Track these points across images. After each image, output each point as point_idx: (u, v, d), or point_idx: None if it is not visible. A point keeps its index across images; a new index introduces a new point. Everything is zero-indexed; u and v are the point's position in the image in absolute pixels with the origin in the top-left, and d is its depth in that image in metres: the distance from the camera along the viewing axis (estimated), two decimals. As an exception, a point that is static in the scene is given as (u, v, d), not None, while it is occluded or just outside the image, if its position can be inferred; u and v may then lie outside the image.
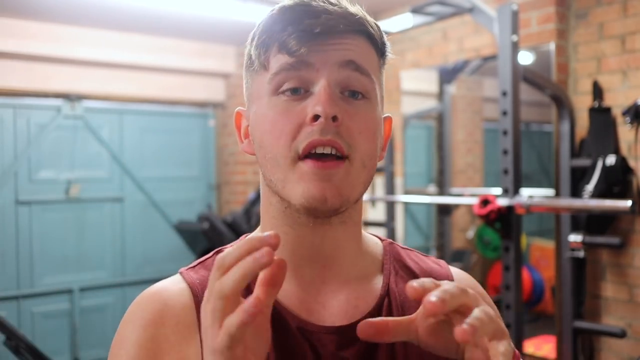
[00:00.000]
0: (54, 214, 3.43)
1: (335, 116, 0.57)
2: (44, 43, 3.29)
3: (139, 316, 0.62)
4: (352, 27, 0.61)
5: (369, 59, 0.62)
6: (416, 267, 0.70)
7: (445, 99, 3.11)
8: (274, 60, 0.60)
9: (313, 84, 0.59)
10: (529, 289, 2.71)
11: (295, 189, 0.59)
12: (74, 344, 3.45)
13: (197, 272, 0.66)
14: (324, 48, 0.59)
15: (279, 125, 0.59)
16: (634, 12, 2.18)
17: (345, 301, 0.64)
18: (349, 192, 0.59)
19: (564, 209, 2.15)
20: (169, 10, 3.03)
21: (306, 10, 0.59)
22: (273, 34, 0.60)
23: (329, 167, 0.58)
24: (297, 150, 0.58)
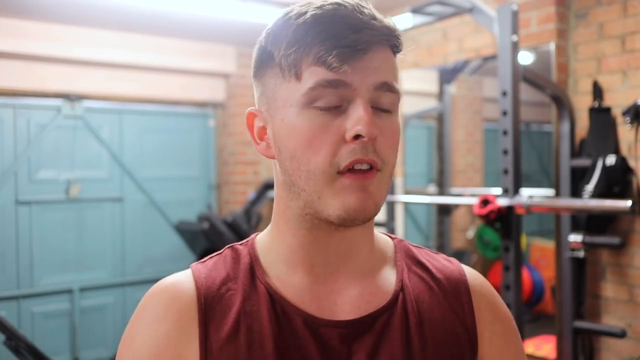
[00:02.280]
0: (54, 214, 3.43)
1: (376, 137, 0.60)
2: (44, 43, 3.29)
3: (147, 312, 0.64)
4: (387, 42, 0.63)
5: (394, 71, 0.65)
6: (429, 264, 0.72)
7: (445, 99, 3.11)
8: (309, 73, 0.60)
9: (349, 101, 0.60)
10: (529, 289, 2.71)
11: (333, 201, 0.61)
12: (74, 344, 3.45)
13: (206, 266, 0.68)
14: (362, 65, 0.60)
15: (317, 140, 0.60)
16: (634, 12, 2.18)
17: (357, 297, 0.66)
18: (380, 200, 0.63)
19: (564, 209, 2.15)
20: (169, 10, 3.03)
21: (346, 22, 0.60)
22: (310, 44, 0.60)
23: (366, 178, 0.60)
24: (339, 166, 0.60)
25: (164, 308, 0.63)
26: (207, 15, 3.13)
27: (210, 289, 0.64)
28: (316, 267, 0.66)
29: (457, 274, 0.71)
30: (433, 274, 0.71)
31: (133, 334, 0.63)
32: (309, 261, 0.66)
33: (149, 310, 0.64)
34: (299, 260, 0.66)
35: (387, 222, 2.92)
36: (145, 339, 0.62)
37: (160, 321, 0.62)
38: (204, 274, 0.66)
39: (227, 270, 0.67)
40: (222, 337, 0.62)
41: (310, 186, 0.61)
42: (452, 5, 2.23)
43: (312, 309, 0.64)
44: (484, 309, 0.70)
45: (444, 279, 0.70)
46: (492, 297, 0.72)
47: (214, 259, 0.69)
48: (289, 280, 0.66)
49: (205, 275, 0.66)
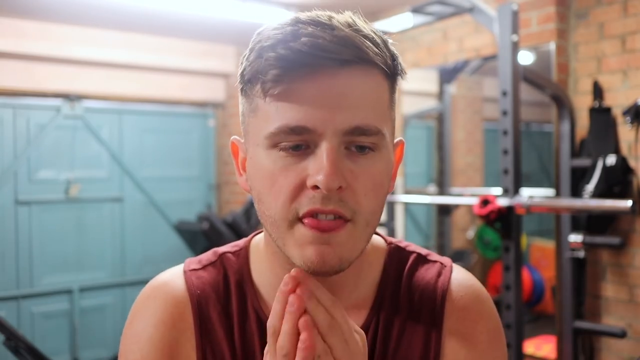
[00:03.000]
0: (53, 214, 3.43)
1: (340, 186, 0.53)
2: (43, 43, 3.29)
3: (149, 313, 0.65)
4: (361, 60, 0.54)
5: (379, 101, 0.57)
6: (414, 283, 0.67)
7: (445, 99, 3.11)
8: (269, 109, 0.55)
9: (315, 143, 0.54)
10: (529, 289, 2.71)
11: (294, 250, 0.56)
12: (73, 344, 3.45)
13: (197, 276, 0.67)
14: (329, 102, 0.53)
15: (277, 184, 0.55)
16: (634, 12, 2.18)
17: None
18: (349, 254, 0.56)
19: (564, 209, 2.15)
20: (169, 10, 3.03)
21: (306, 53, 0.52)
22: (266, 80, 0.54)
23: (328, 229, 0.54)
24: (297, 213, 0.55)
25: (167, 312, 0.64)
26: (207, 15, 3.12)
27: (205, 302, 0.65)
28: None
29: (437, 296, 0.66)
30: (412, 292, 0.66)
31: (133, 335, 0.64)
32: None
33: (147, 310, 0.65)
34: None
35: (387, 222, 2.92)
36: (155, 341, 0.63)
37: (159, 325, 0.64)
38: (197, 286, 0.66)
39: (220, 285, 0.66)
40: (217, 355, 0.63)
41: (274, 232, 0.57)
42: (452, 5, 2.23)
43: None
44: (457, 331, 0.65)
45: (421, 303, 0.66)
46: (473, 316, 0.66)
47: (206, 270, 0.68)
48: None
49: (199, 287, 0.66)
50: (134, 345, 0.64)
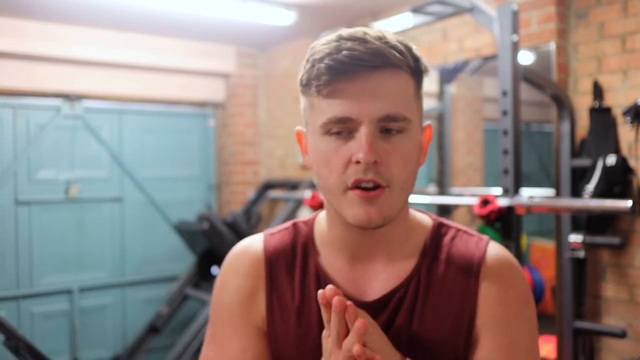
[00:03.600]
0: (53, 214, 3.43)
1: (375, 161, 0.70)
2: (43, 43, 3.29)
3: (235, 268, 0.85)
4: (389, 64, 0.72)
5: (405, 94, 0.73)
6: (454, 250, 0.81)
7: (445, 99, 3.11)
8: (321, 105, 0.73)
9: (356, 129, 0.71)
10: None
11: (347, 211, 0.74)
12: (73, 344, 3.45)
13: (274, 238, 0.87)
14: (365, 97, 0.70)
15: (330, 162, 0.73)
16: (634, 12, 2.18)
17: (386, 278, 0.80)
18: (389, 212, 0.73)
19: (564, 209, 2.15)
20: (169, 10, 3.03)
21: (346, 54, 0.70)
22: (317, 80, 0.72)
23: (371, 196, 0.72)
24: (346, 182, 0.72)
25: (245, 266, 0.85)
26: (207, 15, 3.13)
27: (275, 257, 0.84)
28: (354, 255, 0.81)
29: (475, 259, 0.80)
30: (452, 257, 0.80)
31: (223, 283, 0.85)
32: (349, 250, 0.81)
33: (234, 267, 0.86)
34: (342, 248, 0.81)
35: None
36: (233, 287, 0.84)
37: (240, 277, 0.84)
38: (270, 244, 0.86)
39: (288, 245, 0.85)
40: (283, 299, 0.82)
41: (331, 199, 0.75)
42: (452, 5, 2.23)
43: (348, 289, 0.80)
44: (491, 294, 0.78)
45: (460, 262, 0.80)
46: (504, 283, 0.78)
47: (281, 233, 0.87)
48: (334, 263, 0.82)
49: (271, 245, 0.86)
50: (224, 291, 0.85)
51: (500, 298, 0.77)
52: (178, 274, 3.65)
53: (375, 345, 0.71)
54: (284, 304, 0.82)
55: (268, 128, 4.12)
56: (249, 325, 0.82)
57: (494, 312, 0.77)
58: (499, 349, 0.76)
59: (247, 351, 0.81)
